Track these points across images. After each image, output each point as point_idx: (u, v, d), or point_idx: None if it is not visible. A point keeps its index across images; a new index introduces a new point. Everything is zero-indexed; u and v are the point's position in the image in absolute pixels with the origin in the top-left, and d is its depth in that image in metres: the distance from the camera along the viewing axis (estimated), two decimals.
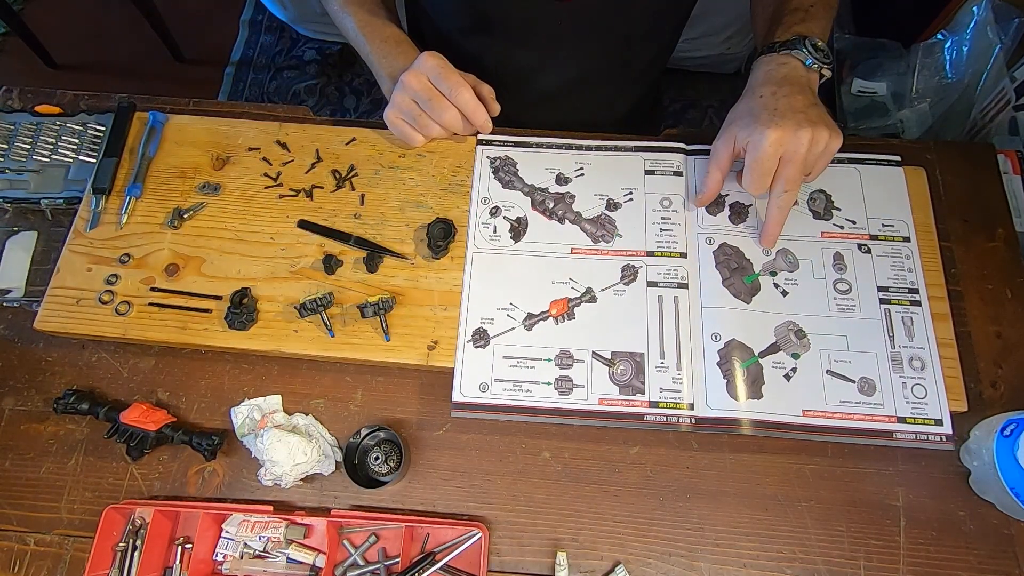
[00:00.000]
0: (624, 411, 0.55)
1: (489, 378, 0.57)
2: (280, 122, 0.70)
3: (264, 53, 1.85)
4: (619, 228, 0.63)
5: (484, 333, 0.58)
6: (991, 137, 1.01)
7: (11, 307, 0.64)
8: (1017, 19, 1.09)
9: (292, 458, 0.53)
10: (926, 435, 0.54)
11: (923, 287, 0.60)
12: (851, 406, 0.55)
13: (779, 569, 0.54)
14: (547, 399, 0.56)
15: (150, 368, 0.62)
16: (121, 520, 0.55)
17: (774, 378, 0.56)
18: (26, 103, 0.74)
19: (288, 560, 0.54)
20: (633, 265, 0.61)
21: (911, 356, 0.57)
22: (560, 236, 0.63)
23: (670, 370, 0.57)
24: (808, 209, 0.63)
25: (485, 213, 0.64)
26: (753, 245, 0.61)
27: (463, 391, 0.57)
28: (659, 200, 0.64)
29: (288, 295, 0.61)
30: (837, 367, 0.57)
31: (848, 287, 0.60)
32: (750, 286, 0.59)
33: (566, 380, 0.57)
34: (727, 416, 0.55)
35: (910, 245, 0.62)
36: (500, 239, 0.62)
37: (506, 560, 0.54)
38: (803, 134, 0.54)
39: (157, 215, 0.65)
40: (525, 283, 0.60)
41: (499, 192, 0.65)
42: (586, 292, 0.60)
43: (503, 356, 0.58)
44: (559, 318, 0.59)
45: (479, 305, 0.60)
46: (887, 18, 1.45)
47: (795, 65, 0.58)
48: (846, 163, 0.66)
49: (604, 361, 0.57)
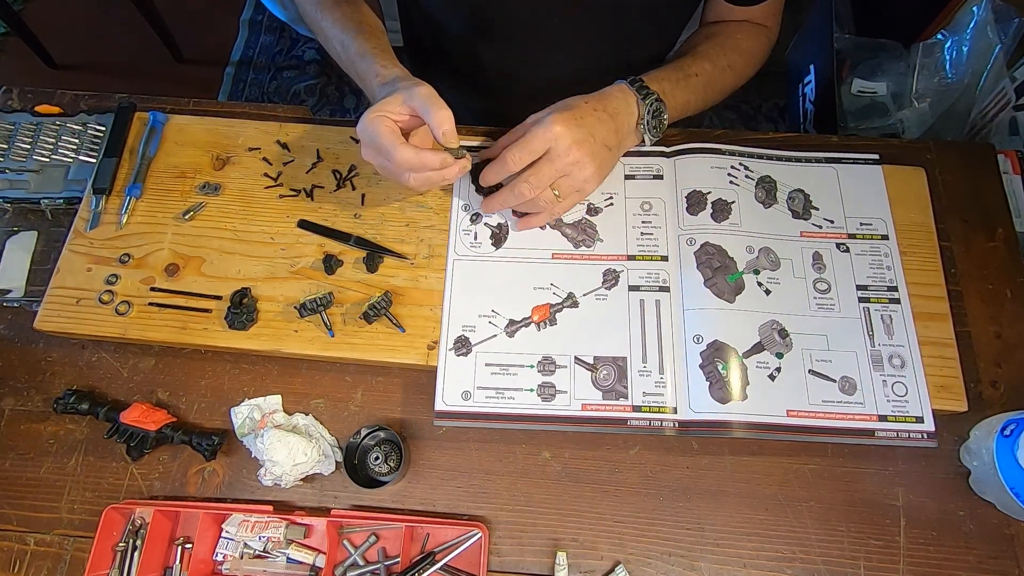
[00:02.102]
0: (607, 416, 0.55)
1: (472, 386, 0.57)
2: (280, 122, 0.70)
3: (264, 53, 1.85)
4: (600, 233, 0.62)
5: (466, 341, 0.58)
6: (991, 137, 1.01)
7: (11, 307, 0.64)
8: (1017, 19, 1.09)
9: (292, 458, 0.54)
10: (907, 433, 0.54)
11: (902, 285, 0.60)
12: (833, 405, 0.55)
13: (779, 569, 0.54)
14: (530, 406, 0.56)
15: (150, 368, 0.62)
16: (121, 520, 0.55)
17: (758, 378, 0.56)
18: (26, 103, 0.74)
19: (288, 560, 0.54)
20: (614, 269, 0.61)
21: (891, 354, 0.57)
22: (541, 242, 0.62)
23: (652, 374, 0.56)
24: (787, 208, 0.63)
25: (466, 220, 0.63)
26: (737, 243, 0.61)
27: (445, 400, 0.56)
28: (639, 204, 0.64)
29: (288, 295, 0.61)
30: (819, 367, 0.57)
31: (828, 286, 0.60)
32: (734, 285, 0.59)
33: (549, 386, 0.56)
34: (710, 419, 0.55)
35: (888, 243, 0.62)
36: (481, 246, 0.62)
37: (506, 560, 0.54)
38: (575, 152, 0.55)
39: (157, 215, 0.65)
40: (506, 290, 0.60)
41: (479, 198, 0.63)
42: (568, 297, 0.60)
43: (485, 363, 0.57)
44: (541, 324, 0.59)
45: (460, 312, 0.59)
46: (887, 18, 1.45)
47: (631, 111, 0.60)
48: (824, 163, 0.66)
49: (586, 366, 0.57)
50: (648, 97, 0.60)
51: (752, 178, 0.64)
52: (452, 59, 0.61)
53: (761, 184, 0.64)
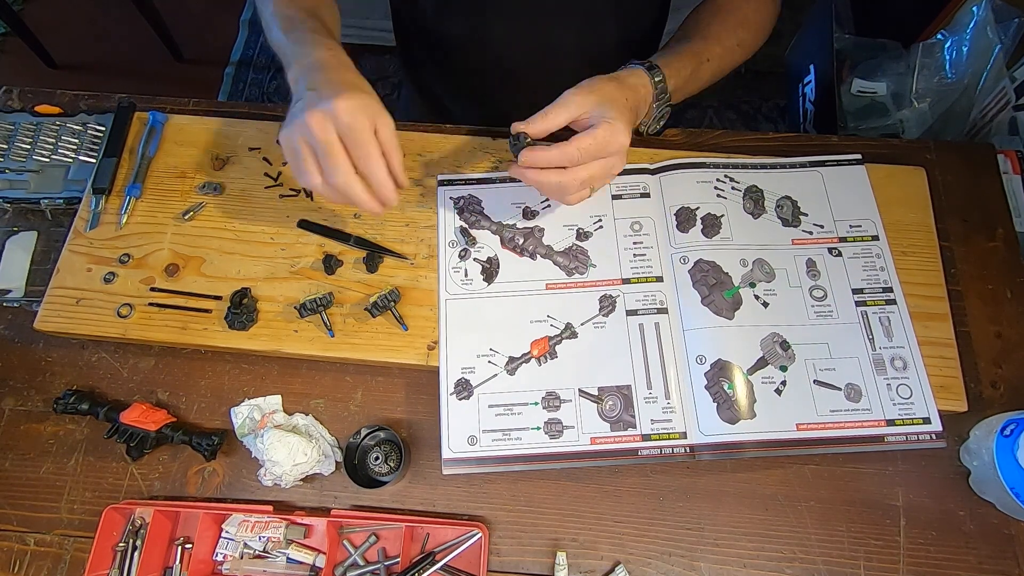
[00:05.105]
0: (617, 448, 0.55)
1: (477, 430, 0.55)
2: (280, 122, 0.69)
3: (264, 53, 1.84)
4: (592, 258, 0.61)
5: (467, 383, 0.57)
6: (991, 137, 1.01)
7: (11, 307, 0.64)
8: (1017, 19, 1.09)
9: (292, 458, 0.53)
10: (916, 435, 0.54)
11: (897, 284, 0.60)
12: (841, 414, 0.55)
13: (779, 569, 0.54)
14: (538, 445, 0.55)
15: (150, 368, 0.62)
16: (121, 520, 0.55)
17: (765, 394, 0.56)
18: (26, 103, 0.74)
19: (288, 560, 0.54)
20: (610, 295, 0.60)
21: (892, 356, 0.57)
22: (533, 273, 0.61)
23: (659, 400, 0.56)
24: (777, 217, 0.63)
25: (454, 257, 0.62)
26: (730, 257, 0.60)
27: (451, 447, 0.55)
28: (629, 224, 0.63)
29: (288, 295, 0.61)
30: (823, 376, 0.56)
31: (824, 293, 0.60)
32: (731, 301, 0.59)
33: (555, 423, 0.55)
34: (722, 441, 0.54)
35: (879, 243, 0.61)
36: (472, 282, 0.61)
37: (506, 560, 0.54)
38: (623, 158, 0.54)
39: (157, 215, 0.65)
40: (503, 326, 0.59)
41: (464, 234, 0.63)
42: (566, 328, 0.59)
43: (488, 405, 0.56)
44: (541, 359, 0.58)
45: (458, 354, 0.58)
46: (887, 18, 1.45)
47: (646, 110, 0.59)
48: (808, 167, 0.65)
49: (591, 398, 0.56)
50: (662, 96, 0.59)
51: (739, 189, 0.64)
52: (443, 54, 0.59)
53: (748, 195, 0.64)
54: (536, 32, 0.71)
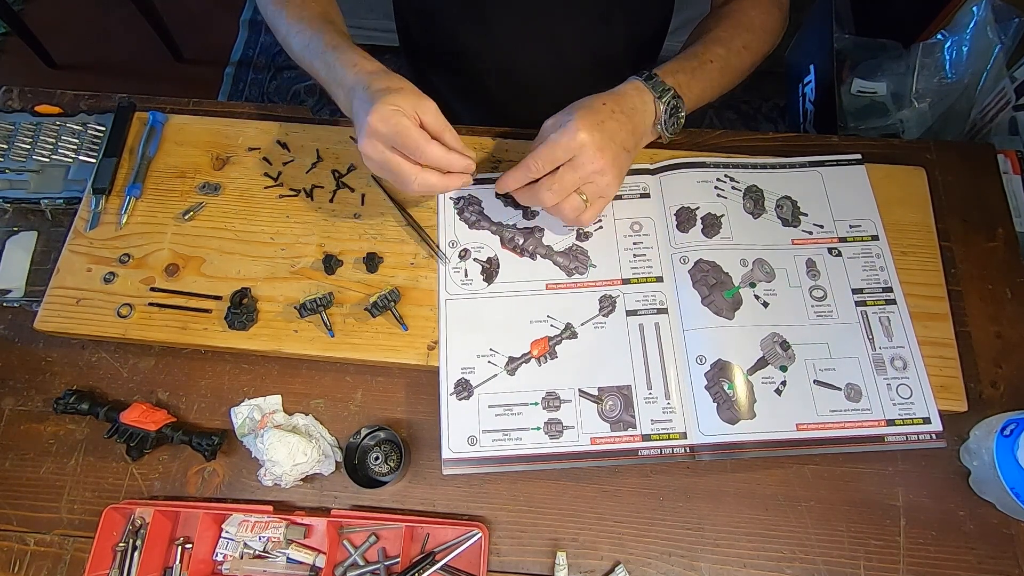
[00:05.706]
0: (617, 448, 0.55)
1: (477, 430, 0.55)
2: (280, 122, 0.70)
3: (264, 53, 1.85)
4: (592, 258, 0.61)
5: (466, 384, 0.57)
6: (991, 137, 1.01)
7: (11, 307, 0.64)
8: (1017, 19, 1.09)
9: (292, 458, 0.53)
10: (916, 435, 0.54)
11: (896, 284, 0.60)
12: (841, 414, 0.55)
13: (779, 569, 0.54)
14: (538, 445, 0.55)
15: (150, 368, 0.62)
16: (121, 520, 0.55)
17: (765, 394, 0.56)
18: (26, 103, 0.74)
19: (288, 560, 0.54)
20: (610, 295, 0.60)
21: (892, 356, 0.57)
22: (533, 273, 0.61)
23: (659, 400, 0.56)
24: (776, 217, 0.63)
25: (454, 257, 0.62)
26: (730, 257, 0.60)
27: (451, 447, 0.55)
28: (629, 225, 0.63)
29: (288, 295, 0.61)
30: (823, 376, 0.56)
31: (823, 293, 0.59)
32: (731, 301, 0.59)
33: (555, 423, 0.55)
34: (722, 441, 0.54)
35: (879, 243, 0.61)
36: (472, 283, 0.61)
37: (506, 560, 0.54)
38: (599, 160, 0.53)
39: (157, 215, 0.65)
40: (503, 326, 0.59)
41: (466, 233, 0.63)
42: (566, 328, 0.59)
43: (488, 405, 0.56)
44: (541, 359, 0.58)
45: (458, 354, 0.58)
46: (887, 18, 1.45)
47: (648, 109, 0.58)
48: (808, 167, 0.65)
49: (591, 398, 0.56)
50: (665, 95, 0.57)
51: (739, 189, 0.64)
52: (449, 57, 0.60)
53: (748, 194, 0.63)
54: (544, 33, 0.71)
